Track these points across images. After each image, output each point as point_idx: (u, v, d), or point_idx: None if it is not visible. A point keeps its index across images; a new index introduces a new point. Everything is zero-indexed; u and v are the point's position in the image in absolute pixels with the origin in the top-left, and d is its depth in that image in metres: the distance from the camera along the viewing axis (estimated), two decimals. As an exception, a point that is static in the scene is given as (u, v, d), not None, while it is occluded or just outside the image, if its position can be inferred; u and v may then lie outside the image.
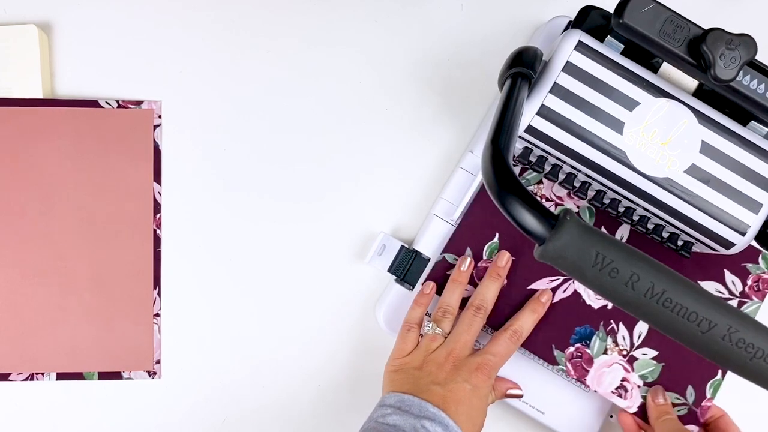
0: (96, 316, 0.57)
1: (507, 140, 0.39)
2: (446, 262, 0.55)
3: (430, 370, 0.50)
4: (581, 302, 0.54)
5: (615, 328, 0.53)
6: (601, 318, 0.53)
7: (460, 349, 0.50)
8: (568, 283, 0.54)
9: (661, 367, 0.53)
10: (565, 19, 0.53)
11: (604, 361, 0.53)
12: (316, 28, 0.60)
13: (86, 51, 0.59)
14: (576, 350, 0.53)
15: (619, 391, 0.53)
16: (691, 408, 0.53)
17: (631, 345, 0.53)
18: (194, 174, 0.59)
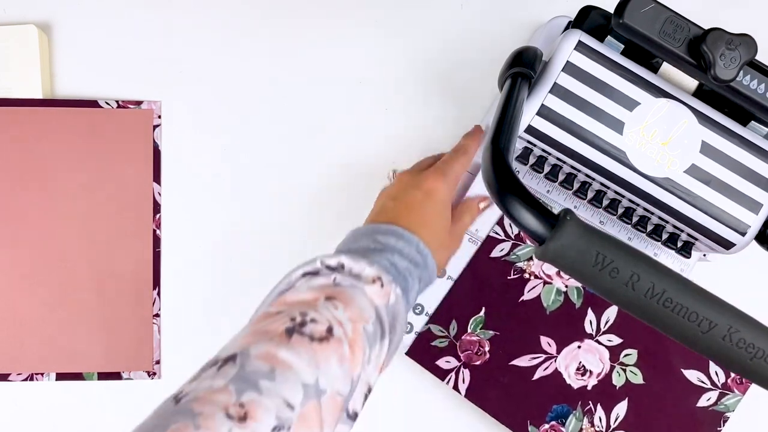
0: (96, 316, 0.57)
1: (507, 140, 0.39)
2: (431, 333, 0.55)
3: (390, 191, 0.50)
4: (561, 381, 0.54)
5: (592, 409, 0.54)
6: (579, 398, 0.54)
7: (418, 166, 0.52)
8: (550, 361, 0.54)
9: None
10: (565, 19, 0.53)
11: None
12: (315, 28, 0.60)
13: (86, 51, 0.59)
14: (551, 428, 0.54)
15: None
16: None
17: (607, 427, 0.54)
18: (194, 174, 0.59)
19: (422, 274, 0.45)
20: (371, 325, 0.38)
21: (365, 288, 0.39)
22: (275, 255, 0.59)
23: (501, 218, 0.55)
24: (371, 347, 0.38)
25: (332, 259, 0.41)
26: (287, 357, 0.34)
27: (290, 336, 0.35)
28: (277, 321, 0.36)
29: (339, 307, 0.37)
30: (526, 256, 0.55)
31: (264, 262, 0.59)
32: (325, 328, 0.36)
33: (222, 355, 0.34)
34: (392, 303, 0.40)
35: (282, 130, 0.59)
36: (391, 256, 0.43)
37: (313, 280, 0.39)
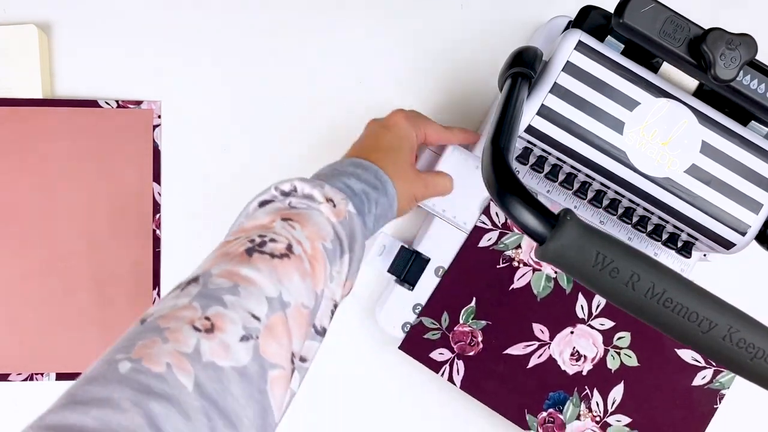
0: (96, 316, 0.57)
1: (507, 140, 0.39)
2: (423, 326, 0.55)
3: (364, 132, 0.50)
4: (556, 368, 0.54)
5: (589, 394, 0.54)
6: (575, 384, 0.54)
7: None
8: (543, 348, 0.54)
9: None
10: (565, 19, 0.53)
11: (577, 427, 0.54)
12: (316, 28, 0.60)
13: (86, 51, 0.59)
14: (549, 415, 0.54)
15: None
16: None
17: (604, 411, 0.54)
18: (194, 174, 0.59)
19: (380, 198, 0.45)
20: (330, 242, 0.39)
21: (320, 207, 0.40)
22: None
23: (486, 208, 0.55)
24: (332, 264, 0.39)
25: (285, 184, 0.41)
26: (249, 273, 0.34)
27: (251, 255, 0.35)
28: (236, 244, 0.36)
29: (296, 227, 0.38)
30: (514, 245, 0.54)
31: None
32: (285, 246, 0.36)
33: (188, 278, 0.35)
34: (347, 220, 0.41)
35: (282, 130, 0.59)
36: (347, 179, 0.43)
37: (268, 206, 0.40)
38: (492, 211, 0.55)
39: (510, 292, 0.54)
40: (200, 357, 0.30)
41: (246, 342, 0.32)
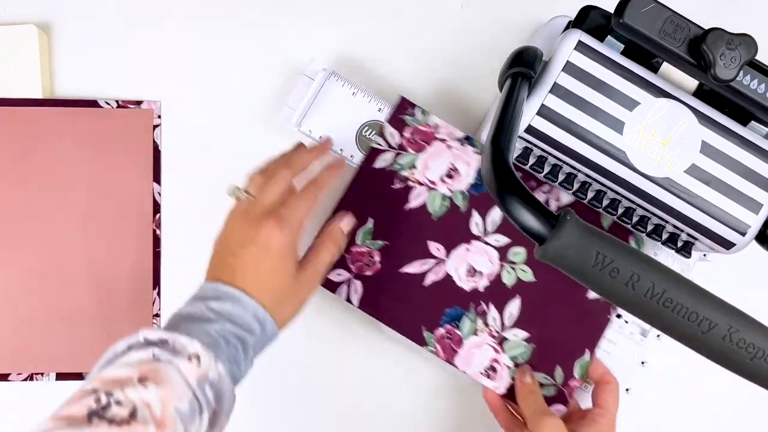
0: (96, 316, 0.57)
1: (507, 140, 0.39)
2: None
3: (229, 240, 0.47)
4: (453, 285, 0.54)
5: (486, 310, 0.54)
6: (471, 299, 0.54)
7: (257, 209, 0.47)
8: (440, 266, 0.54)
9: (531, 348, 0.54)
10: (565, 19, 0.53)
11: (474, 342, 0.53)
12: (316, 29, 0.60)
13: (86, 51, 0.59)
14: (446, 331, 0.53)
15: (487, 372, 0.53)
16: (559, 387, 0.53)
17: (501, 326, 0.54)
18: (194, 174, 0.59)
19: (258, 340, 0.45)
20: (186, 402, 0.39)
21: (180, 365, 0.40)
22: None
23: (380, 129, 0.55)
24: (187, 425, 0.39)
25: (154, 333, 0.41)
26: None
27: (90, 420, 0.36)
28: (82, 401, 0.37)
29: (149, 386, 0.38)
30: (409, 165, 0.55)
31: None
32: (128, 412, 0.37)
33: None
34: (214, 379, 0.41)
35: (282, 130, 0.59)
36: (222, 326, 0.43)
37: (132, 354, 0.40)
38: (386, 132, 0.55)
39: (406, 211, 0.54)
40: None
41: None
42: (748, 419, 0.60)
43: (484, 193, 0.54)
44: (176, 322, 0.44)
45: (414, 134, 0.55)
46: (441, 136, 0.55)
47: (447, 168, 0.54)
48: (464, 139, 0.55)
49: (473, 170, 0.55)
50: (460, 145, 0.55)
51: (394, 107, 0.55)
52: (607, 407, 0.51)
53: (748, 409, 0.60)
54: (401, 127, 0.55)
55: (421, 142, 0.55)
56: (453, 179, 0.54)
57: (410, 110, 0.55)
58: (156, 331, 0.42)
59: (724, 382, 0.55)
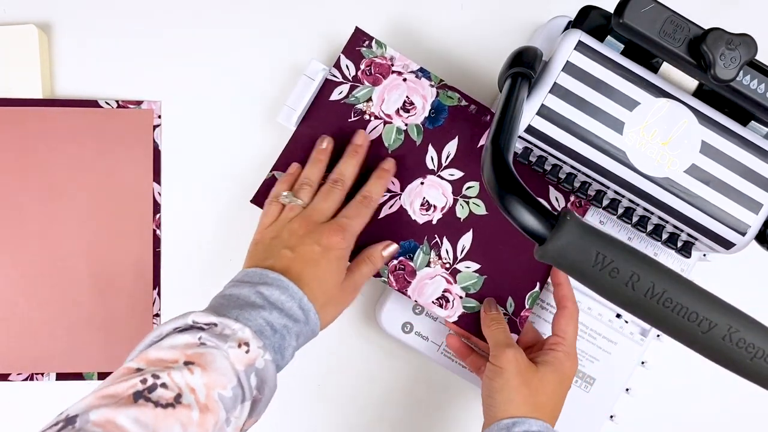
0: (96, 316, 0.57)
1: (507, 140, 0.39)
2: (275, 179, 0.54)
3: (284, 237, 0.49)
4: (407, 217, 0.54)
5: (439, 243, 0.54)
6: (425, 232, 0.54)
7: (317, 216, 0.50)
8: (394, 199, 0.54)
9: (483, 279, 0.54)
10: (565, 19, 0.53)
11: (427, 274, 0.54)
12: (316, 29, 0.60)
13: (86, 51, 0.59)
14: (399, 263, 0.54)
15: (440, 302, 0.54)
16: (511, 317, 0.54)
17: (454, 258, 0.54)
18: (194, 174, 0.59)
19: (302, 329, 0.45)
20: (230, 390, 0.39)
21: (229, 351, 0.40)
22: (275, 255, 0.59)
23: (337, 60, 0.55)
24: (230, 411, 0.39)
25: (203, 317, 0.41)
26: (125, 423, 0.35)
27: (136, 401, 0.36)
28: (128, 381, 0.37)
29: (195, 371, 0.38)
30: (365, 98, 0.54)
31: (264, 262, 0.59)
32: (174, 395, 0.37)
33: (68, 413, 0.35)
34: (260, 367, 0.41)
35: (283, 130, 0.59)
36: (269, 314, 0.43)
37: (179, 336, 0.40)
38: (342, 63, 0.55)
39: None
40: None
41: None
42: (748, 419, 0.60)
43: (439, 127, 0.54)
44: (223, 304, 0.44)
45: (370, 66, 0.55)
46: (397, 68, 0.55)
47: (403, 101, 0.55)
48: (419, 71, 0.55)
49: (429, 104, 0.55)
50: (415, 78, 0.55)
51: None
52: (564, 335, 0.51)
53: (748, 409, 0.60)
54: (357, 59, 0.55)
55: (377, 75, 0.55)
56: (408, 113, 0.54)
57: (367, 42, 0.55)
58: (205, 314, 0.41)
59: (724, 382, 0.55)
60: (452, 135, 0.54)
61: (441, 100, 0.54)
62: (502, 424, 0.47)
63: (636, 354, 0.56)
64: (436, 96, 0.55)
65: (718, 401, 0.60)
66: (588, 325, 0.56)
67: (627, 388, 0.57)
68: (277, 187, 0.53)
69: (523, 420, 0.47)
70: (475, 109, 0.54)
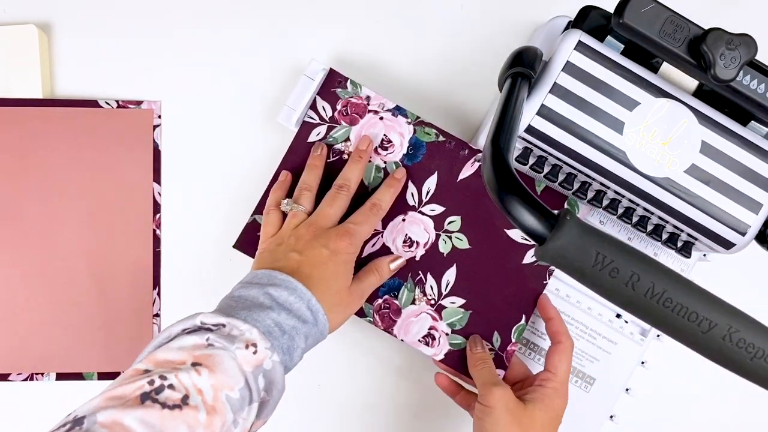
0: (96, 316, 0.57)
1: (507, 140, 0.39)
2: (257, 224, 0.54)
3: (290, 242, 0.49)
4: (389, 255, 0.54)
5: (423, 279, 0.54)
6: (409, 269, 0.54)
7: (323, 221, 0.50)
8: (377, 237, 0.54)
9: (468, 314, 0.54)
10: (565, 19, 0.53)
11: (412, 311, 0.54)
12: (316, 29, 0.60)
13: (86, 51, 0.59)
14: (384, 302, 0.54)
15: (426, 339, 0.54)
16: (497, 352, 0.54)
17: (439, 294, 0.54)
18: (194, 174, 0.59)
19: (311, 331, 0.45)
20: (237, 391, 0.39)
21: (237, 353, 0.40)
22: (275, 255, 0.59)
23: (313, 103, 0.55)
24: (237, 413, 0.39)
25: (212, 318, 0.41)
26: (132, 424, 0.35)
27: (143, 402, 0.36)
28: (136, 383, 0.37)
29: (203, 372, 0.38)
30: (343, 138, 0.55)
31: (264, 262, 0.59)
32: (181, 396, 0.37)
33: (76, 414, 0.35)
34: (268, 368, 0.41)
35: (283, 130, 0.59)
36: (278, 315, 0.43)
37: (187, 338, 0.40)
38: (318, 105, 0.55)
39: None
40: None
41: None
42: (748, 419, 0.60)
43: (418, 163, 0.55)
44: (231, 306, 0.44)
45: (346, 107, 0.55)
46: (373, 107, 0.55)
47: (380, 140, 0.55)
48: (395, 109, 0.55)
49: (406, 141, 0.55)
50: (392, 116, 0.55)
51: (322, 80, 0.55)
52: (556, 371, 0.51)
53: (748, 409, 0.60)
54: (333, 100, 0.55)
55: (354, 115, 0.55)
56: (387, 150, 0.55)
57: (342, 82, 0.55)
58: (213, 315, 0.41)
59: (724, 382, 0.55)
60: (431, 171, 0.54)
61: (418, 136, 0.54)
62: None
63: (636, 354, 0.56)
64: (413, 133, 0.55)
65: (718, 401, 0.60)
66: (588, 325, 0.56)
67: (627, 388, 0.57)
68: (273, 195, 0.53)
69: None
70: (452, 144, 0.54)
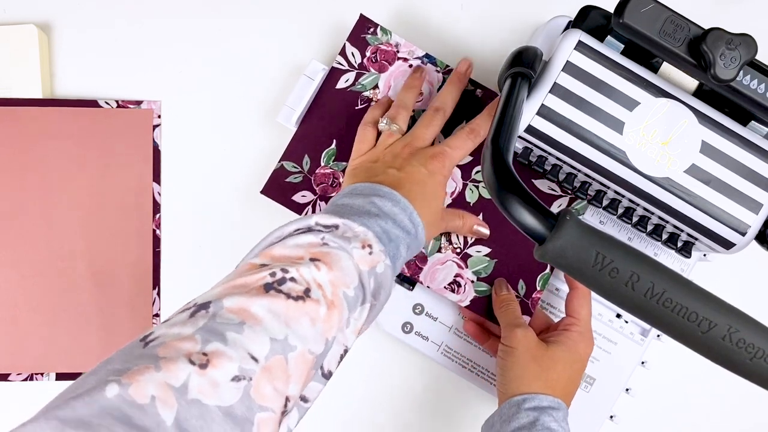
0: (96, 316, 0.57)
1: (507, 140, 0.39)
2: (284, 170, 0.55)
3: (386, 159, 0.49)
4: None
5: None
6: None
7: (418, 142, 0.50)
8: None
9: (494, 263, 0.54)
10: (565, 19, 0.53)
11: (438, 259, 0.54)
12: (315, 28, 0.60)
13: (86, 51, 0.59)
14: None
15: (452, 287, 0.54)
16: (522, 299, 0.54)
17: (465, 243, 0.54)
18: (194, 174, 0.59)
19: (411, 242, 0.45)
20: (352, 290, 0.39)
21: (353, 252, 0.39)
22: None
23: (342, 48, 0.55)
24: (351, 311, 0.39)
25: (326, 219, 0.41)
26: (259, 311, 0.34)
27: (267, 291, 0.35)
28: (257, 274, 0.36)
29: (322, 268, 0.37)
30: (371, 85, 0.55)
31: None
32: (303, 289, 0.36)
33: (197, 301, 0.35)
34: (380, 272, 0.41)
35: (284, 130, 0.59)
36: (385, 223, 0.43)
37: (302, 236, 0.39)
38: (347, 51, 0.55)
39: None
40: (186, 392, 0.30)
41: (237, 382, 0.32)
42: (748, 419, 0.60)
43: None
44: (339, 211, 0.43)
45: (375, 53, 0.55)
46: (402, 54, 0.55)
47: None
48: (424, 57, 0.55)
49: (435, 89, 0.55)
50: (421, 64, 0.55)
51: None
52: (578, 315, 0.51)
53: (748, 409, 0.60)
54: (363, 46, 0.55)
55: (383, 62, 0.55)
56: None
57: (371, 29, 0.55)
58: (327, 216, 0.41)
59: (724, 382, 0.55)
60: (459, 119, 0.54)
61: None
62: (513, 402, 0.47)
63: (636, 354, 0.56)
64: (442, 81, 0.55)
65: (718, 401, 0.60)
66: (588, 325, 0.56)
67: (627, 388, 0.57)
68: (370, 112, 0.53)
69: (533, 396, 0.47)
70: (481, 93, 0.54)
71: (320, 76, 0.54)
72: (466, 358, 0.56)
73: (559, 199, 0.55)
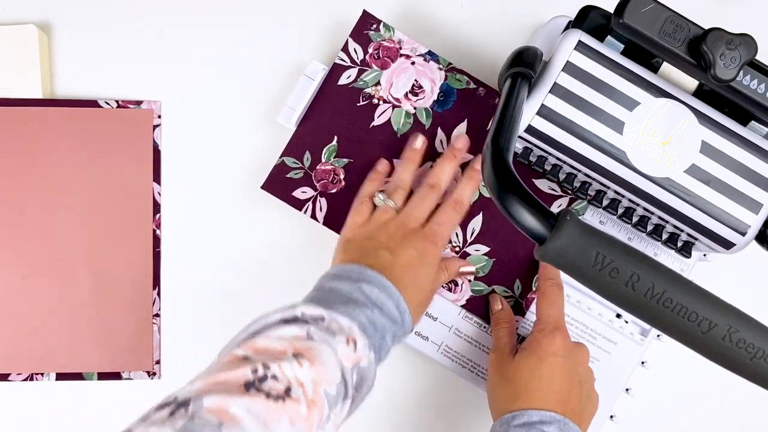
0: (96, 316, 0.57)
1: (507, 140, 0.39)
2: (285, 166, 0.55)
3: (380, 238, 0.49)
4: None
5: None
6: None
7: (412, 222, 0.50)
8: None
9: (492, 262, 0.54)
10: (565, 19, 0.53)
11: None
12: (316, 28, 0.60)
13: (86, 51, 0.59)
14: None
15: (449, 285, 0.55)
16: (517, 299, 0.55)
17: (464, 242, 0.55)
18: (194, 174, 0.59)
19: (398, 331, 0.45)
20: (334, 387, 0.39)
21: (338, 347, 0.40)
22: (275, 255, 0.59)
23: (345, 44, 0.55)
24: (331, 408, 0.39)
25: (311, 310, 0.41)
26: (238, 412, 0.34)
27: (248, 390, 0.35)
28: (238, 370, 0.36)
29: (304, 364, 0.37)
30: (373, 82, 0.55)
31: (264, 262, 0.59)
32: (284, 388, 0.36)
33: (178, 398, 0.35)
34: (363, 366, 0.41)
35: (284, 130, 0.59)
36: (371, 312, 0.43)
37: (287, 328, 0.39)
38: (350, 47, 0.55)
39: (371, 129, 0.55)
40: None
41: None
42: (748, 419, 0.60)
43: (448, 110, 0.55)
44: (325, 298, 0.43)
45: (378, 50, 0.55)
46: (405, 51, 0.55)
47: (411, 85, 0.55)
48: (427, 54, 0.55)
49: (437, 87, 0.55)
50: (423, 61, 0.55)
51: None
52: (540, 317, 0.51)
53: (748, 409, 0.60)
54: (365, 42, 0.55)
55: (386, 59, 0.55)
56: (417, 96, 0.55)
57: (374, 25, 0.55)
58: (313, 307, 0.41)
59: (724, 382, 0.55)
60: (461, 118, 0.54)
61: (449, 83, 0.55)
62: (504, 419, 0.47)
63: (636, 354, 0.56)
64: (444, 79, 0.55)
65: (718, 401, 0.60)
66: (588, 325, 0.56)
67: (627, 388, 0.57)
68: (367, 186, 0.53)
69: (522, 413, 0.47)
70: (483, 92, 0.55)
71: (320, 76, 0.54)
72: (466, 358, 0.56)
73: (559, 199, 0.55)
